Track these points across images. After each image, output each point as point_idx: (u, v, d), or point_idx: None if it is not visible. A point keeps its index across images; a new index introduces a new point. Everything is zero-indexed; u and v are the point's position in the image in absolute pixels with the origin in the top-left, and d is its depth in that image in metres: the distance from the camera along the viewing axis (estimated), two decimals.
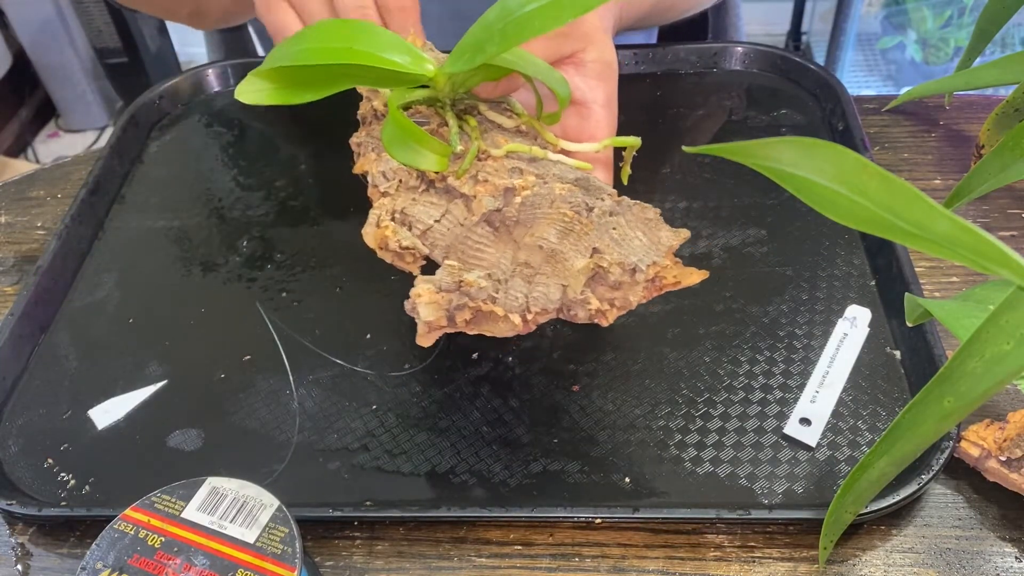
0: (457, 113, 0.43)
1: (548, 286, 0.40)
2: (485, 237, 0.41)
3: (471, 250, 0.41)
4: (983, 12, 0.57)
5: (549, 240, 0.39)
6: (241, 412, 0.48)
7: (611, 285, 0.39)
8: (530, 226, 0.40)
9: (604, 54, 0.48)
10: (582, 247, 0.39)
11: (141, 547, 0.36)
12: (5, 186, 0.66)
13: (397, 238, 0.41)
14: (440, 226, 0.41)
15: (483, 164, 0.41)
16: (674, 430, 0.46)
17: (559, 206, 0.40)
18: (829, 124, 0.63)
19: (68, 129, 2.15)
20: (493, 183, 0.40)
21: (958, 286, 0.53)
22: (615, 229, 0.40)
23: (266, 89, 0.41)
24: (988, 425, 0.43)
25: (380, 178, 0.43)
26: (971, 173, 0.51)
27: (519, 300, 0.40)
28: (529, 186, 0.40)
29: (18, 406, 0.49)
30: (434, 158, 0.40)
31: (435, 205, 0.42)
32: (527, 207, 0.40)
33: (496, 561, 0.42)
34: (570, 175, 0.42)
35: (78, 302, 0.55)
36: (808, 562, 0.41)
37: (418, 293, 0.39)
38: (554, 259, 0.39)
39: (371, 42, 0.40)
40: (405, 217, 0.42)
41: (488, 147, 0.42)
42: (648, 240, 0.40)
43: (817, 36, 1.98)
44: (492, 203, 0.40)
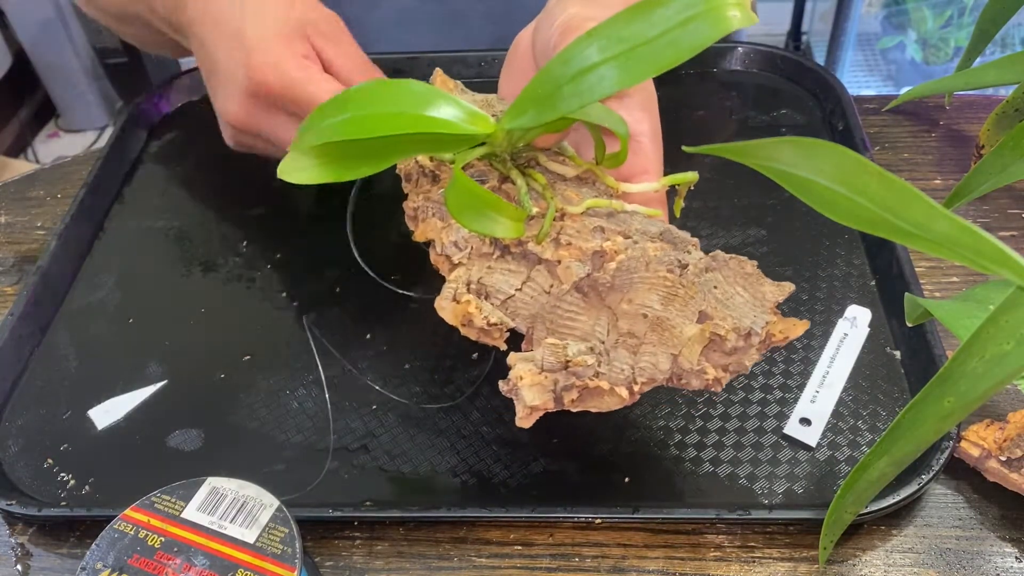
0: (519, 167, 0.40)
1: (656, 355, 0.37)
2: (575, 304, 0.38)
3: (561, 319, 0.38)
4: (983, 12, 0.57)
5: (653, 308, 0.37)
6: (241, 412, 0.48)
7: (727, 352, 0.37)
8: (626, 291, 0.37)
9: (645, 84, 0.46)
10: (689, 312, 0.37)
11: (141, 547, 0.36)
12: (5, 186, 0.66)
13: (484, 315, 0.37)
14: (522, 295, 0.38)
15: (562, 224, 0.38)
16: (674, 430, 0.46)
17: (656, 268, 0.37)
18: (829, 124, 0.63)
19: (68, 129, 2.15)
20: (578, 247, 0.37)
21: (958, 286, 0.53)
22: (716, 288, 0.37)
23: (313, 166, 0.37)
24: (988, 425, 0.43)
25: (453, 248, 0.39)
26: (971, 173, 0.51)
27: (625, 372, 0.37)
28: (622, 249, 0.37)
29: (18, 406, 0.49)
30: (510, 224, 0.37)
31: (514, 273, 0.38)
32: (622, 272, 0.37)
33: (496, 561, 0.42)
34: (653, 228, 0.39)
35: (78, 302, 0.55)
36: (808, 562, 0.41)
37: (520, 375, 0.36)
38: (660, 327, 0.37)
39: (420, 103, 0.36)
40: (482, 287, 0.38)
41: (563, 204, 0.38)
42: (750, 296, 0.38)
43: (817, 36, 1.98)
44: (581, 269, 0.37)
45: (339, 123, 0.36)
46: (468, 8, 0.74)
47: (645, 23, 0.35)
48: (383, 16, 0.74)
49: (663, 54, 0.34)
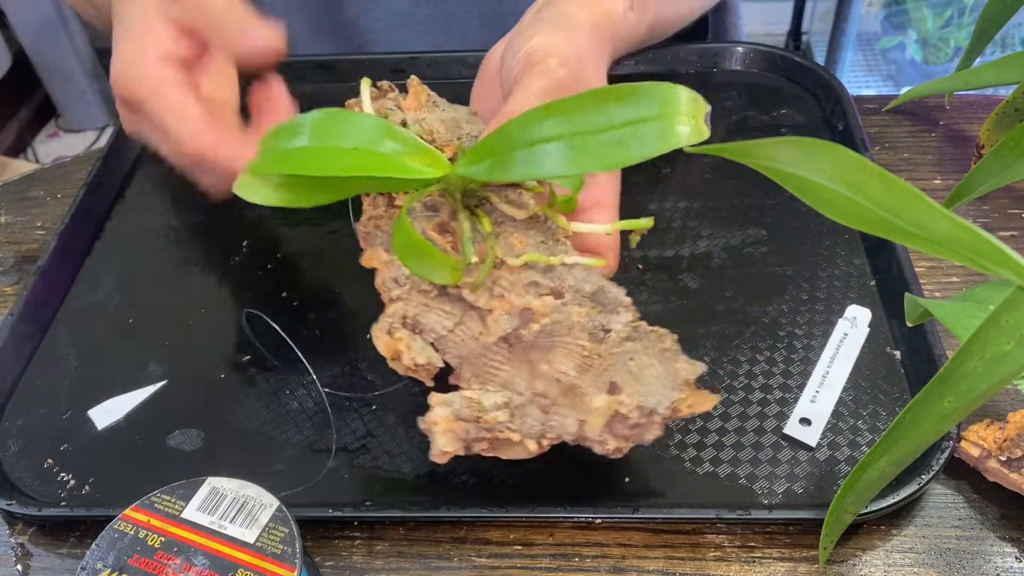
0: (470, 206, 0.41)
1: (566, 418, 0.38)
2: (500, 355, 0.39)
3: (486, 366, 0.39)
4: (983, 12, 0.57)
5: (568, 374, 0.38)
6: (241, 412, 0.48)
7: (628, 425, 0.38)
8: (547, 351, 0.38)
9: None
10: (600, 383, 0.38)
11: (141, 547, 0.36)
12: (5, 186, 0.66)
13: (412, 354, 0.39)
14: (454, 335, 0.39)
15: (499, 275, 0.39)
16: (674, 430, 0.46)
17: (577, 335, 0.38)
18: (829, 124, 0.63)
19: (68, 129, 2.15)
20: (509, 300, 0.38)
21: (958, 286, 0.53)
22: (632, 360, 0.38)
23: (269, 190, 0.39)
24: (988, 425, 0.43)
25: (392, 284, 0.41)
26: (971, 173, 0.51)
27: (535, 428, 0.38)
28: (547, 312, 0.38)
29: (18, 406, 0.49)
30: (447, 272, 0.38)
31: (449, 314, 0.40)
32: (544, 335, 0.38)
33: (496, 561, 0.42)
34: (587, 286, 0.39)
35: (78, 302, 0.55)
36: (808, 562, 0.41)
37: (434, 421, 0.38)
38: (572, 393, 0.38)
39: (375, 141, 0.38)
40: (417, 324, 0.40)
41: (504, 255, 0.39)
42: (664, 370, 0.39)
43: (817, 36, 1.98)
44: (509, 324, 0.38)
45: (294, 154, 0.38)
46: (461, 12, 0.75)
47: (599, 114, 0.35)
48: (378, 18, 0.74)
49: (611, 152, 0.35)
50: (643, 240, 0.55)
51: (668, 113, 0.34)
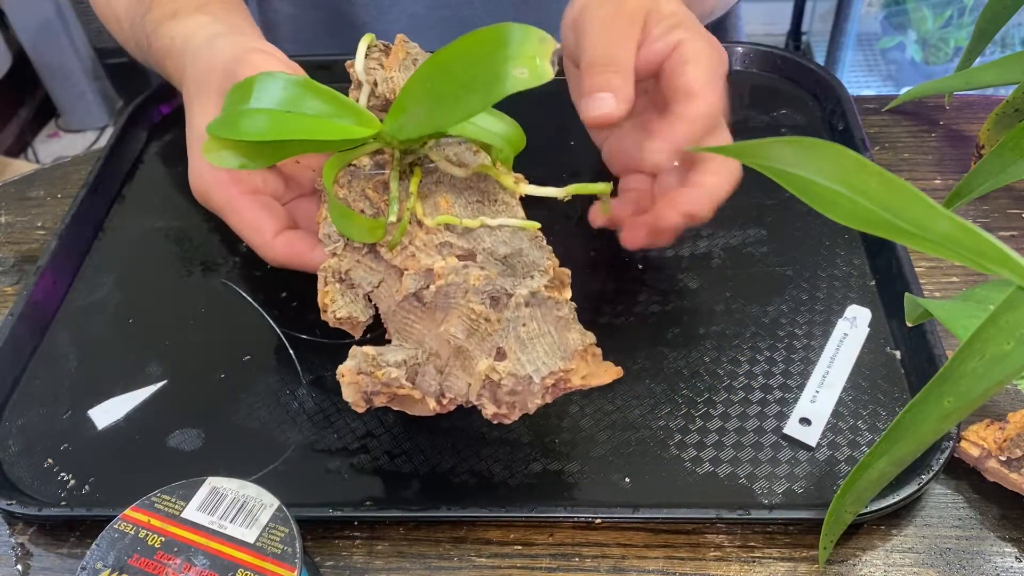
0: (409, 164, 0.43)
1: (457, 378, 0.39)
2: (413, 312, 0.41)
3: (402, 322, 0.41)
4: (983, 12, 0.57)
5: (456, 336, 0.39)
6: (241, 412, 0.48)
7: (508, 392, 0.39)
8: (446, 313, 0.40)
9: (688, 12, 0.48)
10: (487, 347, 0.39)
11: (141, 547, 0.36)
12: (5, 186, 0.66)
13: (334, 308, 0.42)
14: (378, 291, 0.42)
15: (416, 233, 0.41)
16: (674, 430, 0.46)
17: (471, 299, 0.39)
18: (829, 124, 0.63)
19: (68, 129, 2.15)
20: (419, 260, 0.40)
21: (958, 286, 0.53)
22: (524, 326, 0.39)
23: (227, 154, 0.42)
24: (988, 425, 0.43)
25: (327, 239, 0.43)
26: (971, 173, 0.51)
27: (433, 387, 0.40)
28: (444, 274, 0.39)
29: (18, 406, 0.49)
30: (366, 231, 0.41)
31: (374, 271, 0.42)
32: (441, 295, 0.39)
33: (496, 561, 0.42)
34: (502, 249, 0.41)
35: (78, 302, 0.55)
36: (808, 562, 0.41)
37: (341, 373, 0.39)
38: (461, 355, 0.39)
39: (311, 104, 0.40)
40: (349, 279, 0.42)
41: (425, 214, 0.41)
42: (558, 338, 0.39)
43: (817, 36, 1.98)
44: (413, 284, 0.40)
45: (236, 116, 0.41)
46: (477, 15, 0.75)
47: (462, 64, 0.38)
48: (393, 21, 0.74)
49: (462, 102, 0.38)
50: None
51: (502, 57, 0.37)
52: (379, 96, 0.48)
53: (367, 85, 0.48)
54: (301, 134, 0.40)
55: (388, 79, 0.48)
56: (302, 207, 0.48)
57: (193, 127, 0.49)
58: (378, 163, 0.44)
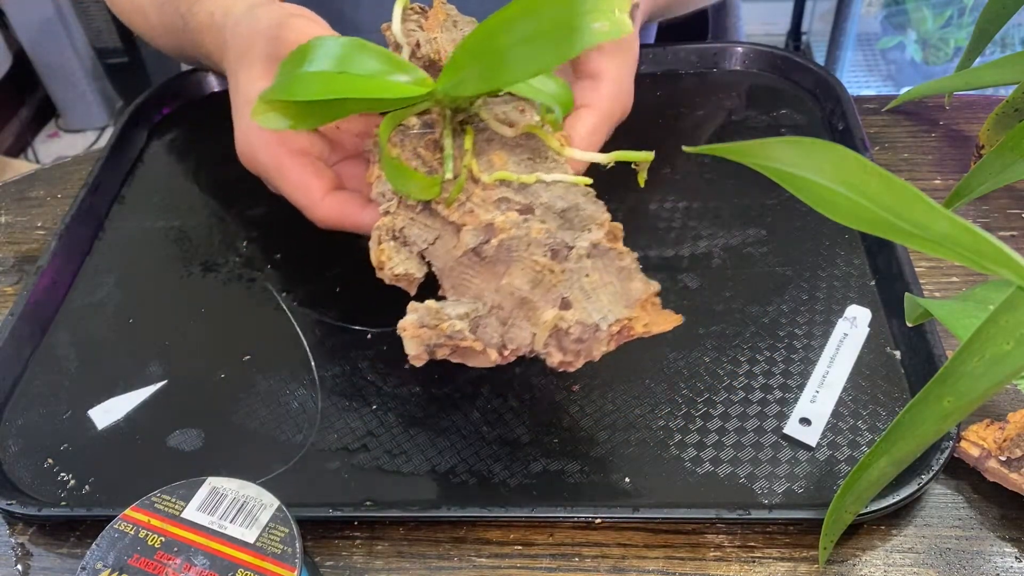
0: (458, 123, 0.43)
1: (521, 329, 0.40)
2: (471, 267, 0.41)
3: (459, 278, 0.41)
4: (983, 12, 0.57)
5: (521, 289, 0.39)
6: (241, 412, 0.48)
7: (574, 340, 0.39)
8: (508, 265, 0.40)
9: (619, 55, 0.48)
10: (551, 297, 0.39)
11: (141, 547, 0.36)
12: (5, 186, 0.66)
13: (391, 265, 0.41)
14: (434, 248, 0.42)
15: (473, 190, 0.41)
16: (674, 430, 0.46)
17: (533, 251, 0.39)
18: (829, 124, 0.63)
19: (68, 129, 2.15)
20: (477, 215, 0.40)
21: (958, 286, 0.53)
22: (587, 276, 0.39)
23: (276, 117, 0.42)
24: (988, 425, 0.43)
25: (380, 197, 0.43)
26: (971, 173, 0.51)
27: (495, 339, 0.40)
28: (506, 228, 0.39)
29: (18, 406, 0.49)
30: (421, 188, 0.41)
31: (429, 228, 0.42)
32: (504, 249, 0.40)
33: (496, 561, 0.42)
34: (560, 203, 0.41)
35: (78, 302, 0.55)
36: (808, 562, 0.41)
37: (403, 327, 0.39)
38: (525, 306, 0.39)
39: (366, 64, 0.40)
40: (404, 236, 0.42)
41: (480, 171, 0.41)
42: (621, 288, 0.40)
43: (817, 36, 1.98)
44: (473, 239, 0.40)
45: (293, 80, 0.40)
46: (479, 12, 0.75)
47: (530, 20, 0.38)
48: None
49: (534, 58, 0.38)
50: (643, 240, 0.55)
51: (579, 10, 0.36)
52: (420, 58, 0.48)
53: (407, 47, 0.48)
54: (355, 92, 0.40)
55: (432, 40, 0.48)
56: (347, 170, 0.48)
57: (239, 92, 0.49)
58: (426, 123, 0.45)
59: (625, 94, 0.48)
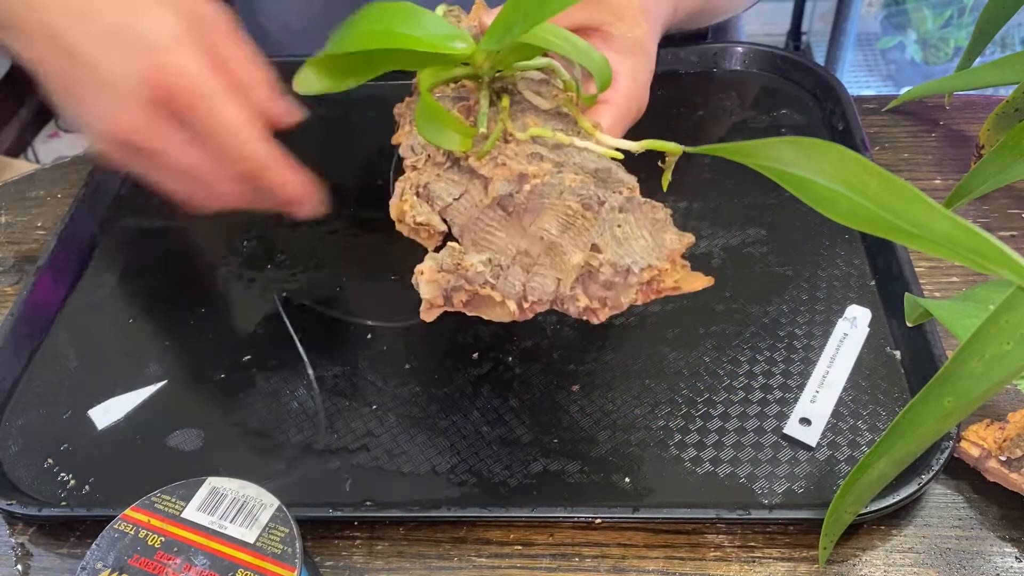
0: (495, 90, 0.43)
1: (545, 277, 0.39)
2: (496, 220, 0.41)
3: (483, 231, 0.41)
4: (983, 12, 0.57)
5: (550, 232, 0.39)
6: (241, 412, 0.48)
7: (603, 284, 0.39)
8: (537, 214, 0.40)
9: (633, 31, 0.48)
10: (581, 242, 0.39)
11: (141, 547, 0.36)
12: (5, 186, 0.66)
13: (413, 213, 0.41)
14: (459, 204, 0.41)
15: (505, 147, 0.41)
16: (674, 430, 0.46)
17: (566, 198, 0.39)
18: (829, 124, 0.63)
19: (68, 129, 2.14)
20: (510, 167, 0.40)
21: (958, 286, 0.53)
22: (620, 227, 0.39)
23: (317, 79, 0.42)
24: (988, 425, 0.43)
25: (408, 151, 0.43)
26: (971, 173, 0.51)
27: (516, 288, 0.39)
28: (541, 175, 0.39)
29: (18, 406, 0.49)
30: (458, 138, 0.41)
31: (456, 183, 0.42)
32: (535, 196, 0.39)
33: (496, 561, 0.42)
34: (592, 164, 0.41)
35: (78, 302, 0.55)
36: (808, 562, 0.41)
37: (420, 270, 0.39)
38: (553, 251, 0.39)
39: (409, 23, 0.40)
40: (428, 192, 0.42)
41: (515, 130, 0.41)
42: (653, 241, 0.40)
43: (817, 36, 1.98)
44: (504, 187, 0.40)
45: (341, 38, 0.41)
46: None
47: None
48: None
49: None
50: None
51: None
52: None
53: None
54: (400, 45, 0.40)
55: (472, 27, 0.48)
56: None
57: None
58: (460, 94, 0.45)
59: (642, 92, 0.48)
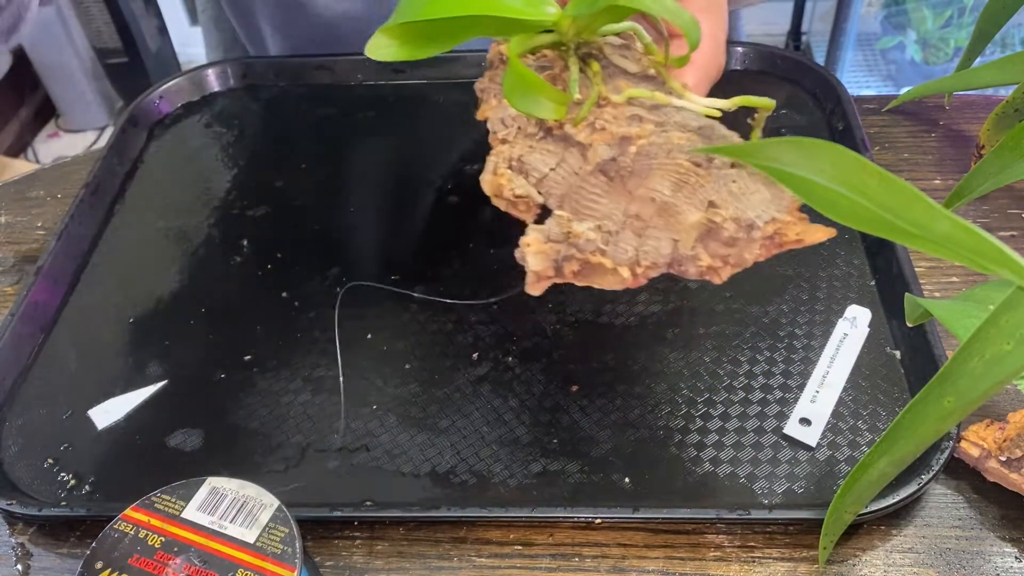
0: (581, 57, 0.42)
1: (659, 240, 0.38)
2: (599, 187, 0.39)
3: (585, 200, 0.39)
4: (983, 12, 0.57)
5: (662, 192, 0.38)
6: (241, 412, 0.48)
7: (725, 241, 0.37)
8: (645, 177, 0.38)
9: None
10: (697, 200, 0.37)
11: (141, 547, 0.36)
12: (5, 186, 0.66)
13: (511, 186, 0.40)
14: (555, 174, 0.40)
15: (602, 111, 0.40)
16: (674, 430, 0.46)
17: (676, 156, 0.38)
18: (829, 124, 0.63)
19: (68, 129, 2.15)
20: (610, 131, 0.39)
21: (958, 286, 0.53)
22: (735, 182, 0.38)
23: (393, 45, 0.41)
24: (988, 425, 0.43)
25: (499, 124, 0.42)
26: (971, 173, 0.51)
27: (628, 253, 0.38)
28: (646, 135, 0.38)
29: (18, 406, 0.49)
30: (552, 106, 0.39)
31: (551, 153, 0.40)
32: (642, 157, 0.38)
33: (496, 561, 0.42)
34: (693, 123, 0.40)
35: (78, 302, 0.55)
36: (808, 562, 0.41)
37: (527, 243, 0.38)
38: (667, 212, 0.38)
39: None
40: (522, 165, 0.40)
41: (609, 93, 0.40)
42: (770, 194, 0.38)
43: (817, 36, 1.98)
44: (607, 152, 0.38)
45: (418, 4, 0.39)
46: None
47: None
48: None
49: None
50: None
51: None
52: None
53: None
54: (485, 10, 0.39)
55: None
56: None
57: None
58: (542, 64, 0.43)
59: (720, 51, 0.47)
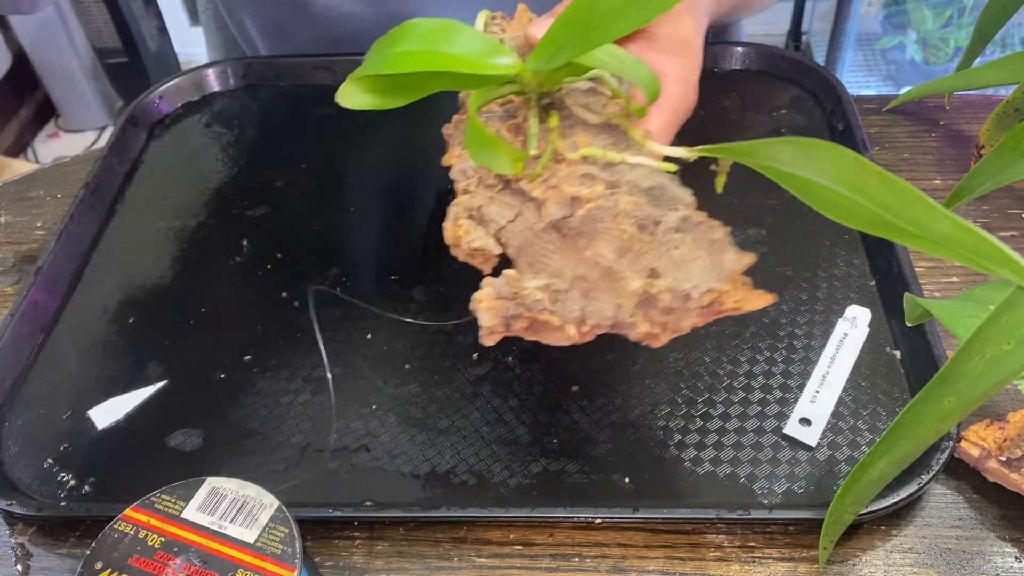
0: (544, 107, 0.43)
1: (603, 303, 0.39)
2: (552, 243, 0.40)
3: (538, 255, 0.40)
4: (983, 12, 0.57)
5: (606, 257, 0.39)
6: (241, 412, 0.48)
7: (662, 310, 0.38)
8: (592, 238, 0.39)
9: (679, 30, 0.47)
10: (639, 267, 0.38)
11: (141, 547, 0.36)
12: (5, 186, 0.66)
13: (469, 239, 0.41)
14: (513, 226, 0.41)
15: (557, 168, 0.41)
16: (674, 430, 0.46)
17: (621, 221, 0.39)
18: (829, 124, 0.63)
19: (68, 129, 2.15)
20: (562, 190, 0.40)
21: (958, 286, 0.53)
22: (677, 249, 0.39)
23: (360, 94, 0.42)
24: (988, 425, 0.43)
25: (460, 175, 0.43)
26: (971, 173, 0.51)
27: (575, 313, 0.39)
28: (594, 198, 0.39)
29: (18, 406, 0.49)
30: (508, 162, 0.40)
31: (509, 206, 0.41)
32: (589, 220, 0.39)
33: (496, 561, 0.42)
34: (645, 182, 0.40)
35: (78, 302, 0.55)
36: (808, 562, 0.41)
37: (479, 299, 0.39)
38: (610, 277, 0.39)
39: (453, 42, 0.40)
40: (482, 215, 0.41)
41: (565, 149, 0.41)
42: (711, 262, 0.39)
43: (817, 36, 1.98)
44: (558, 211, 0.39)
45: (383, 58, 0.40)
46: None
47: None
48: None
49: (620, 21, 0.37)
50: None
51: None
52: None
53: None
54: (445, 67, 0.40)
55: (516, 37, 0.48)
56: None
57: None
58: (508, 111, 0.44)
59: (691, 92, 0.47)
